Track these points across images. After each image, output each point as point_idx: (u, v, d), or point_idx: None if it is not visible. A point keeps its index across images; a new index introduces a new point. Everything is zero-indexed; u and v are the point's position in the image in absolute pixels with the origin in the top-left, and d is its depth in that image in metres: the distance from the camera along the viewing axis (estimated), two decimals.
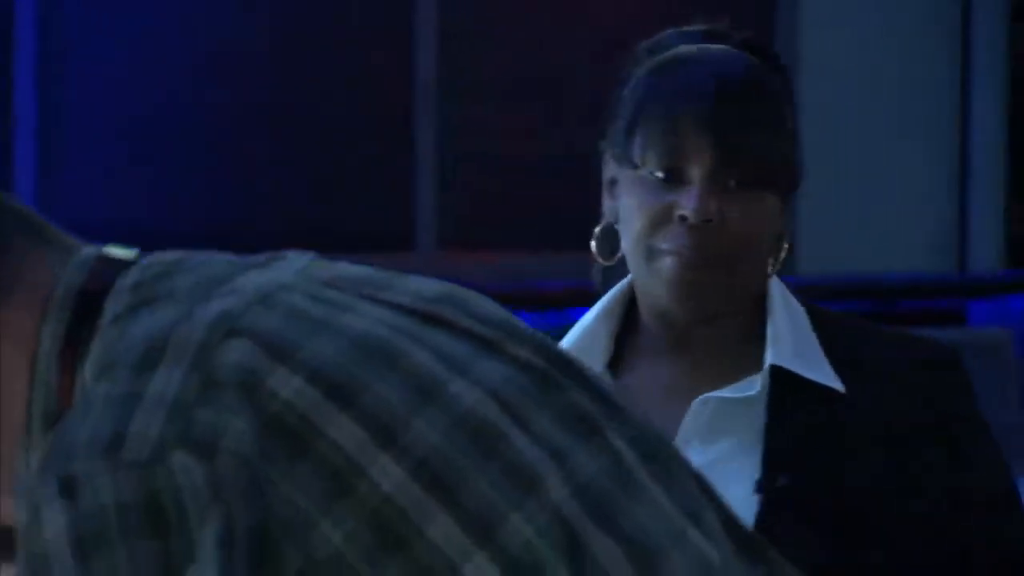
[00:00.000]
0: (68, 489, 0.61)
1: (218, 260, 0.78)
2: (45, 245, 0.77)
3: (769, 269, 1.22)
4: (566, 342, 1.20)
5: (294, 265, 0.77)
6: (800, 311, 1.24)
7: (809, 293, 1.36)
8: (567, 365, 0.76)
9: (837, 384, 1.17)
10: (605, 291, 1.26)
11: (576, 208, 3.79)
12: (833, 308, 1.41)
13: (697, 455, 1.12)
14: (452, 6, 4.11)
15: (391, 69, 4.06)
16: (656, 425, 0.99)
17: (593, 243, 1.22)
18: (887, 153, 4.31)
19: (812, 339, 1.20)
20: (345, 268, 0.78)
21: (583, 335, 1.21)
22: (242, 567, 0.60)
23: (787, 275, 1.30)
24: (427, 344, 0.70)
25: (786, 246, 1.23)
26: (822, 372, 1.18)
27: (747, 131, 1.14)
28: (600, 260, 1.22)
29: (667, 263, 1.12)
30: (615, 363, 1.21)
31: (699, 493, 0.77)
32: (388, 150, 3.99)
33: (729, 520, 0.77)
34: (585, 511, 0.67)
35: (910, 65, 3.85)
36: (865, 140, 4.16)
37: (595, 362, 1.17)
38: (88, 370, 0.70)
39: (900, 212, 4.17)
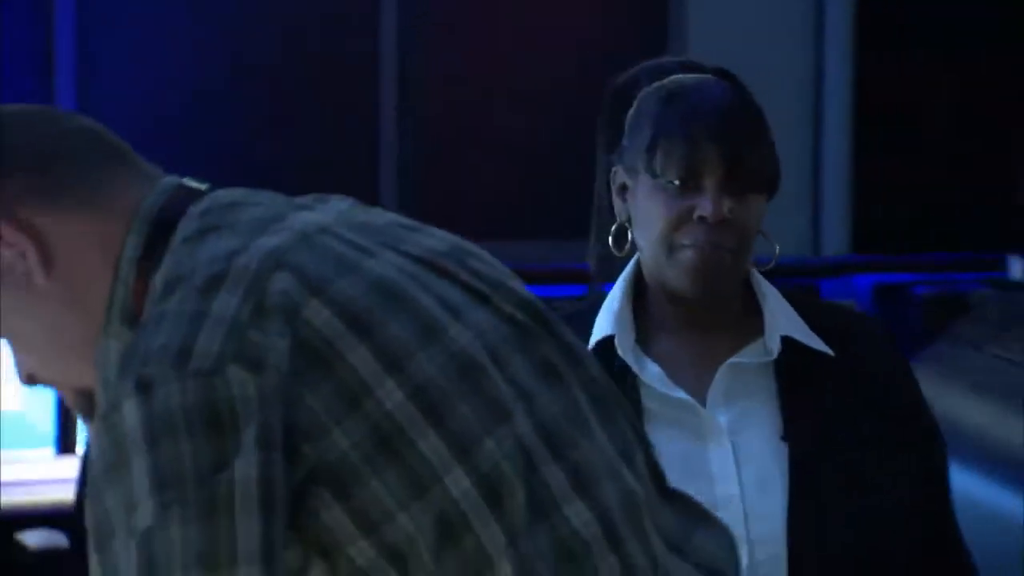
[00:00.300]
0: (144, 389, 0.70)
1: (275, 199, 0.88)
2: (136, 172, 0.87)
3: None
4: (603, 323, 1.33)
5: (336, 208, 0.87)
6: (775, 289, 1.40)
7: None
8: (543, 321, 0.85)
9: (827, 349, 1.32)
10: (603, 277, 1.41)
11: (534, 198, 3.86)
12: None
13: (724, 414, 1.30)
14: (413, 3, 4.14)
15: (356, 63, 4.07)
16: (686, 389, 1.22)
17: (610, 239, 1.35)
18: None
19: (794, 313, 1.35)
20: (376, 216, 0.88)
21: (617, 317, 1.33)
22: (273, 462, 0.69)
23: None
24: (432, 291, 0.80)
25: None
26: (814, 340, 1.32)
27: (748, 145, 1.31)
28: (616, 252, 1.36)
29: (688, 255, 1.27)
30: (639, 338, 1.33)
31: (634, 438, 0.88)
32: (353, 144, 3.95)
33: (653, 464, 0.89)
34: (542, 443, 0.77)
35: (769, 69, 4.13)
36: None
37: (629, 338, 1.31)
38: (158, 279, 0.79)
39: (769, 207, 4.42)
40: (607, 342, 1.29)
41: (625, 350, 1.28)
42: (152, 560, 0.68)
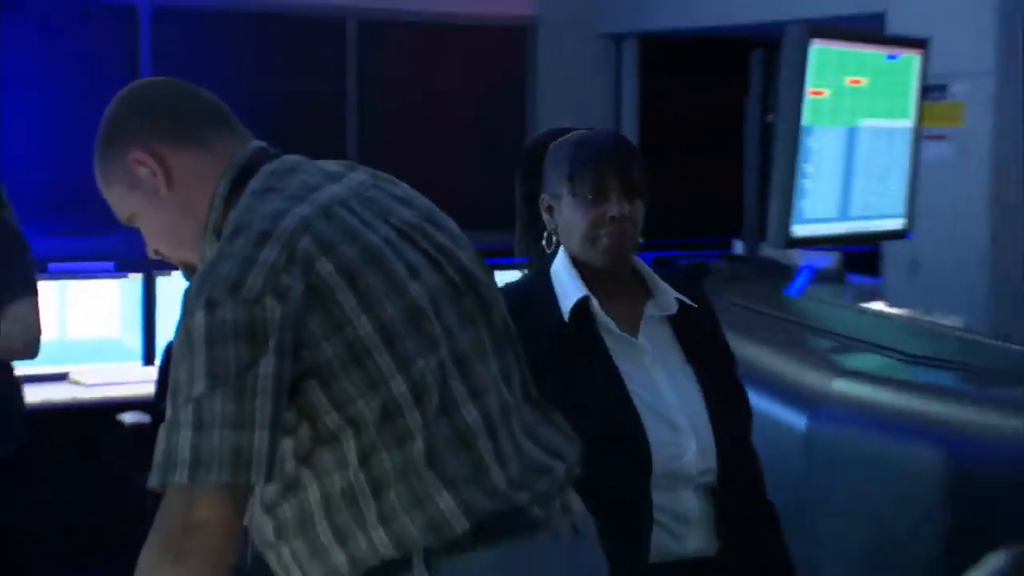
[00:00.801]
0: (210, 306, 1.01)
1: (316, 170, 1.18)
2: (235, 133, 1.21)
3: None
4: (571, 292, 1.71)
5: (356, 180, 1.18)
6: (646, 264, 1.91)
7: None
8: (473, 283, 1.18)
9: (694, 304, 1.78)
10: (532, 263, 1.86)
11: (461, 197, 4.47)
12: None
13: (650, 348, 1.72)
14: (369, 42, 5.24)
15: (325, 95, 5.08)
16: (622, 331, 1.63)
17: (543, 242, 1.78)
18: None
19: (658, 278, 1.81)
20: (380, 187, 1.19)
21: (580, 289, 1.72)
22: (284, 365, 1.02)
23: None
24: (403, 257, 1.11)
25: None
26: (684, 296, 1.78)
27: (635, 170, 1.72)
28: (547, 249, 1.78)
29: (606, 242, 1.70)
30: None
31: (515, 365, 1.21)
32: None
33: (526, 380, 1.23)
34: (454, 366, 1.11)
35: (596, 103, 5.46)
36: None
37: (594, 303, 1.71)
38: (232, 218, 1.11)
39: None
40: (581, 304, 1.70)
41: (598, 310, 1.71)
42: (200, 417, 0.99)
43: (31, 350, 2.69)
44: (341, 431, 1.10)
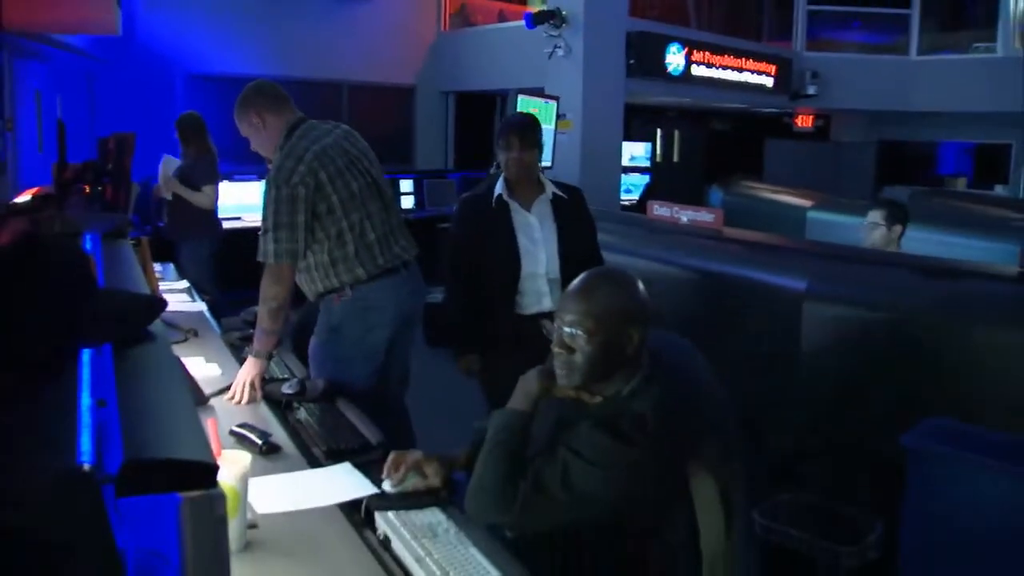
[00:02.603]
0: (276, 185, 3.14)
1: (321, 130, 3.31)
2: (291, 108, 3.34)
3: (540, 167, 3.80)
4: (499, 190, 3.65)
5: (335, 135, 3.33)
6: (547, 177, 3.78)
7: None
8: (378, 183, 3.39)
9: (564, 195, 3.70)
10: (492, 178, 3.81)
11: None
12: None
13: (537, 218, 3.66)
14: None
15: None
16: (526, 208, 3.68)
17: (493, 168, 4.57)
18: None
19: (556, 186, 3.72)
20: (346, 139, 3.36)
21: (502, 189, 3.65)
22: (308, 212, 3.16)
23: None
24: (352, 173, 3.28)
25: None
26: (562, 193, 3.70)
27: (526, 133, 3.60)
28: (499, 171, 3.73)
29: (514, 169, 3.59)
30: (510, 195, 3.64)
31: (393, 211, 3.46)
32: None
33: (399, 218, 3.47)
34: (366, 217, 3.29)
35: None
36: None
37: (507, 194, 3.65)
38: (286, 147, 3.21)
39: None
40: (500, 197, 3.61)
41: (508, 198, 3.62)
42: (278, 209, 3.13)
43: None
44: (322, 240, 3.18)
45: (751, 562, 2.05)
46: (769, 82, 11.87)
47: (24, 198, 4.15)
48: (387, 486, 2.16)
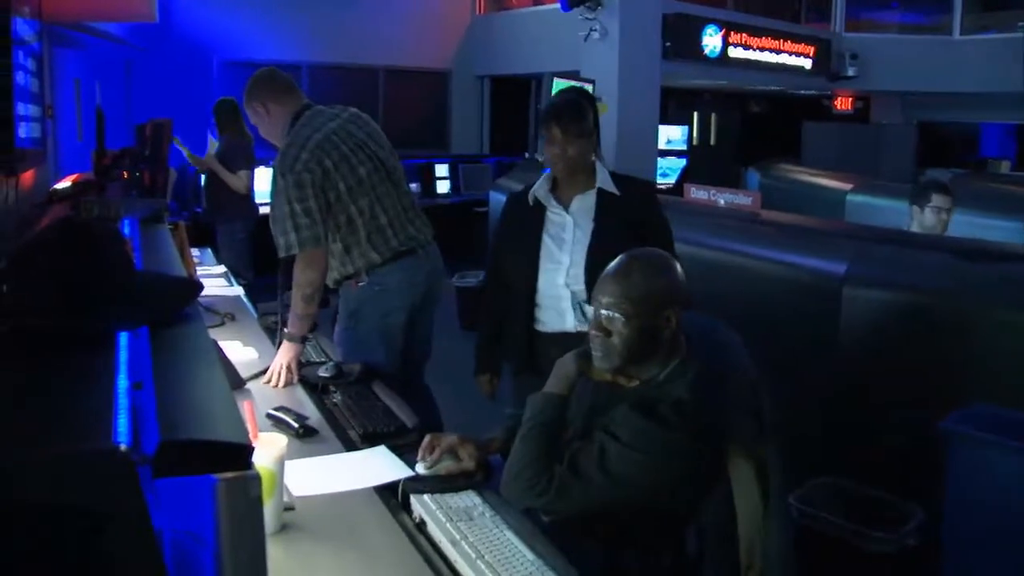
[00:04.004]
0: (283, 173, 3.15)
1: (326, 115, 3.31)
2: (299, 96, 3.35)
3: (594, 157, 3.08)
4: (540, 189, 3.10)
5: (341, 119, 3.33)
6: (605, 168, 3.08)
7: None
8: (387, 166, 3.36)
9: (616, 191, 3.02)
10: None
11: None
12: None
13: (573, 216, 3.05)
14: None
15: None
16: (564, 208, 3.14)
17: (540, 157, 4.08)
18: None
19: (609, 176, 3.05)
20: (353, 123, 3.35)
21: (544, 186, 3.09)
22: (316, 194, 3.14)
23: None
24: (358, 157, 3.27)
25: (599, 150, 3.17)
26: (610, 187, 3.01)
27: (566, 122, 2.96)
28: (541, 160, 4.11)
29: (558, 164, 3.01)
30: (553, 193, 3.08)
31: (405, 195, 3.46)
32: None
33: (412, 201, 3.49)
34: (376, 201, 3.30)
35: None
36: None
37: (548, 194, 3.09)
38: (291, 134, 3.23)
39: None
40: (536, 194, 3.07)
41: (549, 195, 3.08)
42: (288, 197, 3.11)
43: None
44: (333, 228, 3.19)
45: (787, 546, 2.04)
46: (807, 64, 11.73)
47: (65, 184, 4.20)
48: (420, 468, 2.17)
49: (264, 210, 7.31)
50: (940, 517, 2.80)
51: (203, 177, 7.09)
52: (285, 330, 3.14)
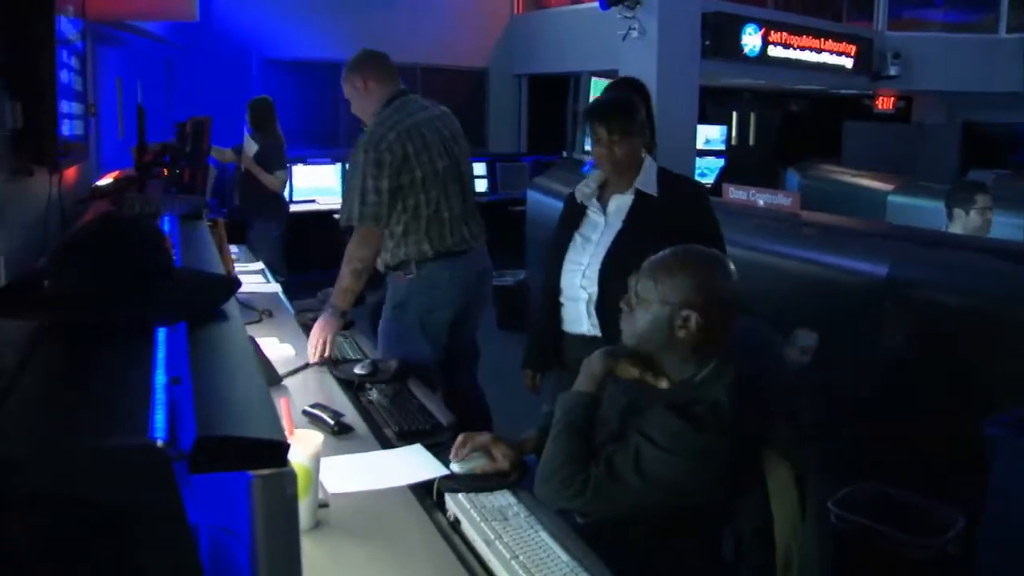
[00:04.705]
0: (366, 149, 3.28)
1: (417, 105, 3.45)
2: (396, 80, 3.51)
3: (642, 156, 2.97)
4: (584, 189, 3.04)
5: (430, 113, 3.46)
6: (655, 166, 2.98)
7: None
8: (461, 164, 3.50)
9: (653, 192, 2.90)
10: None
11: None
12: None
13: (607, 217, 2.98)
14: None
15: None
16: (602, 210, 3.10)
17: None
18: None
19: (654, 177, 2.93)
20: (439, 119, 3.46)
21: (589, 186, 3.03)
22: (393, 173, 3.27)
23: None
24: (439, 149, 3.40)
25: (652, 147, 3.16)
26: (650, 188, 2.90)
27: (612, 120, 2.88)
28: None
29: (605, 165, 2.91)
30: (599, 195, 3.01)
31: (469, 195, 3.56)
32: None
33: (473, 202, 3.59)
34: (443, 195, 3.39)
35: None
36: None
37: (593, 195, 3.02)
38: (381, 115, 3.38)
39: None
40: (578, 193, 3.03)
41: (587, 198, 3.00)
42: (364, 199, 3.26)
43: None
44: (399, 211, 3.28)
45: (825, 552, 2.01)
46: (849, 63, 11.58)
47: (106, 181, 4.25)
48: (455, 467, 2.16)
49: (295, 208, 7.47)
50: (979, 523, 2.75)
51: (234, 174, 7.16)
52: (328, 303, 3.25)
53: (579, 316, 2.96)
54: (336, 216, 3.57)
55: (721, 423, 1.93)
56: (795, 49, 10.70)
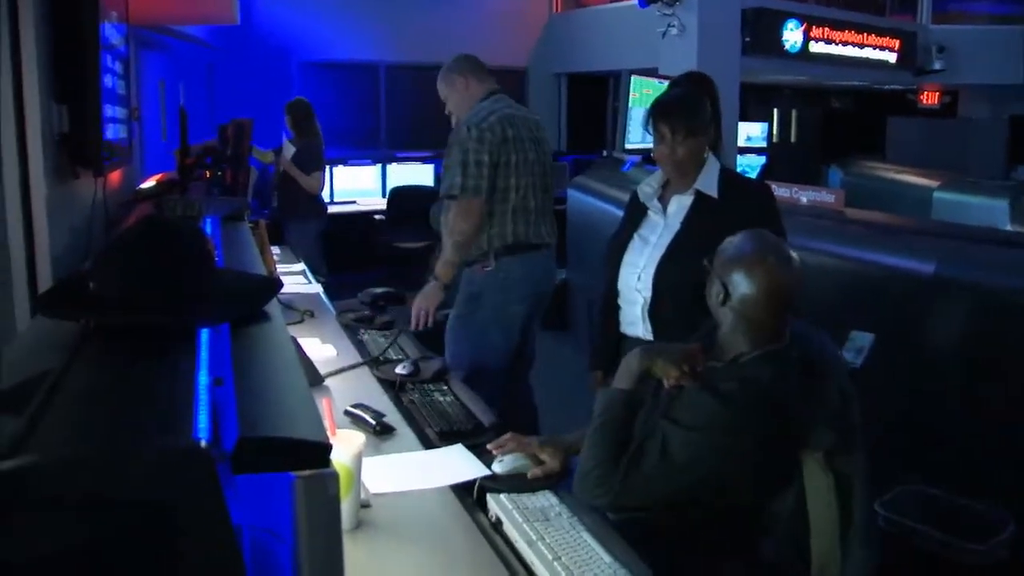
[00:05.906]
0: (469, 130, 3.58)
1: (506, 102, 3.74)
2: (490, 79, 3.87)
3: (705, 155, 2.86)
4: (646, 188, 2.94)
5: (519, 110, 3.77)
6: (718, 166, 2.86)
7: None
8: (545, 160, 3.76)
9: (714, 194, 2.78)
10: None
11: None
12: None
13: (666, 216, 2.86)
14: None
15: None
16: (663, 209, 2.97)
17: (653, 154, 2.86)
18: None
19: (715, 178, 2.82)
20: (524, 117, 3.73)
21: (652, 185, 2.93)
22: (489, 162, 3.52)
23: None
24: (529, 141, 3.69)
25: (716, 145, 2.90)
26: (710, 189, 2.78)
27: (674, 119, 2.77)
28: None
29: (666, 165, 2.82)
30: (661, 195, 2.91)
31: (549, 191, 3.77)
32: None
33: (550, 198, 3.80)
34: (528, 187, 3.64)
35: None
36: None
37: (654, 194, 2.92)
38: (477, 106, 3.72)
39: None
40: (638, 193, 2.94)
41: (648, 198, 2.90)
42: (465, 173, 3.52)
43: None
44: (491, 190, 3.50)
45: (872, 561, 1.97)
46: (892, 58, 11.41)
47: (149, 183, 4.30)
48: (497, 467, 2.16)
49: (335, 209, 7.53)
50: None
51: (274, 176, 7.23)
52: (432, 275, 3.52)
53: (635, 319, 2.87)
54: (377, 217, 3.62)
55: (755, 402, 1.91)
56: (837, 44, 10.56)
